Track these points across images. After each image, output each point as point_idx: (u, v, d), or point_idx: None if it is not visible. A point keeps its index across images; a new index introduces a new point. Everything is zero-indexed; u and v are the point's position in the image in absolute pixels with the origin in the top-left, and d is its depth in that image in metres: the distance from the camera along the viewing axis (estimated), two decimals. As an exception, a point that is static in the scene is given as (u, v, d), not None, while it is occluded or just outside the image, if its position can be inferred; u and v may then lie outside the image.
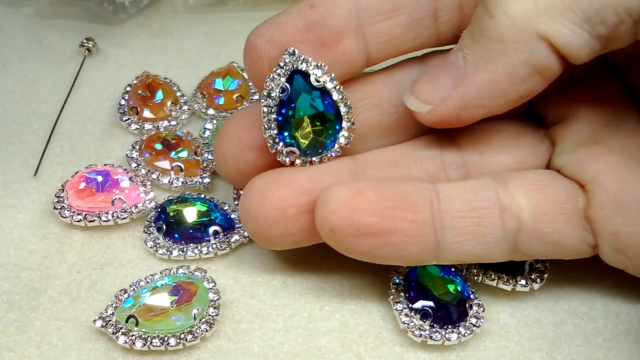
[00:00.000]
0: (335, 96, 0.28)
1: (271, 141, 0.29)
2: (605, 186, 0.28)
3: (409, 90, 0.29)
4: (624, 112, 0.30)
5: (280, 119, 0.28)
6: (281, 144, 0.29)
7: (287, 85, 0.28)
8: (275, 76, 0.28)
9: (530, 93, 0.28)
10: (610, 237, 0.28)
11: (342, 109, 0.29)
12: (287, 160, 0.29)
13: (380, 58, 0.30)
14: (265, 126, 0.28)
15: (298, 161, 0.29)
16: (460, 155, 0.30)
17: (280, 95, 0.28)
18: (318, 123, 0.29)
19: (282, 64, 0.28)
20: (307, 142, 0.29)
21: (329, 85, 0.28)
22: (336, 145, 0.29)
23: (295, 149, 0.29)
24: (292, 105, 0.28)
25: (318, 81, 0.28)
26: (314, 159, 0.29)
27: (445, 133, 0.30)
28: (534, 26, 0.26)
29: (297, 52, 0.28)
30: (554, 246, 0.28)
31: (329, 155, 0.29)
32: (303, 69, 0.28)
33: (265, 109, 0.28)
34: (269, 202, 0.28)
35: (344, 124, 0.29)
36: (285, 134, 0.29)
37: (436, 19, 0.29)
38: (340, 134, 0.29)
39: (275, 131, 0.29)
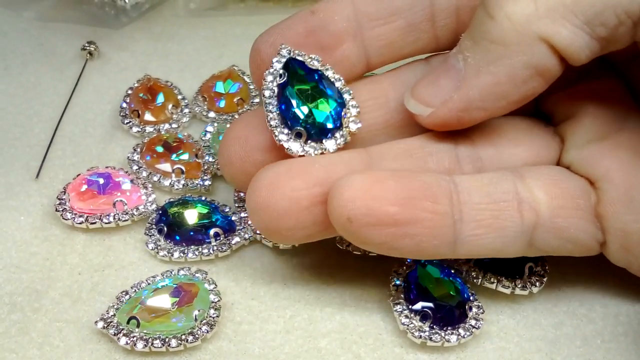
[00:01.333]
0: (337, 84, 0.29)
1: (276, 131, 0.28)
2: (616, 183, 0.28)
3: (409, 93, 0.29)
4: (630, 109, 0.30)
5: (282, 107, 0.28)
6: (286, 130, 0.28)
7: (284, 71, 0.28)
8: (273, 71, 0.29)
9: (532, 94, 0.28)
10: (619, 234, 0.28)
11: (346, 95, 0.29)
12: (296, 151, 0.28)
13: (379, 62, 0.30)
14: (269, 117, 0.28)
15: (310, 150, 0.29)
16: (475, 149, 0.30)
17: (279, 81, 0.28)
18: (318, 99, 0.28)
19: (277, 58, 0.29)
20: (309, 119, 0.28)
21: (329, 73, 0.29)
22: (344, 131, 0.29)
23: (301, 129, 0.28)
24: (291, 87, 0.28)
25: (314, 65, 0.29)
26: (326, 146, 0.29)
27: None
28: (535, 29, 0.26)
29: (289, 47, 0.28)
30: (568, 242, 0.28)
31: (338, 142, 0.29)
32: (299, 58, 0.29)
33: (267, 101, 0.28)
34: (280, 193, 0.27)
35: (351, 110, 0.29)
36: (289, 120, 0.28)
37: (433, 23, 0.30)
38: (349, 120, 0.29)
39: (279, 119, 0.28)
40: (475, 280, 0.31)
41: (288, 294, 0.31)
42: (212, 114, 0.39)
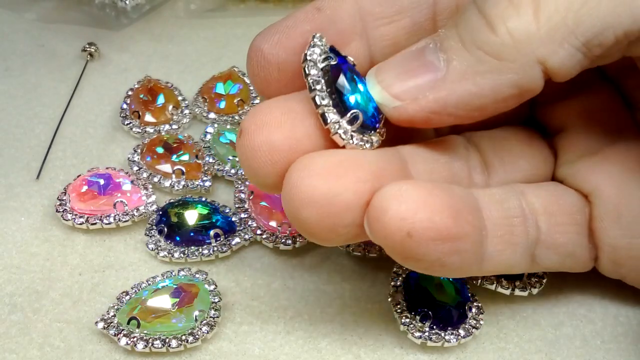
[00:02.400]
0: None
1: (328, 111, 0.25)
2: (605, 198, 0.28)
3: (374, 77, 0.27)
4: (623, 122, 0.30)
5: (333, 90, 0.26)
6: (338, 110, 0.25)
7: (332, 55, 0.26)
8: (315, 56, 0.26)
9: (504, 109, 0.26)
10: (608, 249, 0.28)
11: None
12: (345, 135, 0.25)
13: None
14: (318, 96, 0.25)
15: (356, 141, 0.26)
16: (483, 159, 0.30)
17: (328, 64, 0.26)
18: (364, 94, 0.26)
19: (313, 44, 0.26)
20: (363, 108, 0.26)
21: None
22: (382, 130, 0.27)
23: (358, 112, 0.25)
24: (343, 73, 0.26)
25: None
26: (363, 138, 0.26)
27: (466, 135, 0.30)
28: (534, 49, 0.25)
29: (322, 36, 0.26)
30: (567, 257, 0.28)
31: (374, 140, 0.27)
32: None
33: (313, 79, 0.25)
34: (343, 184, 0.24)
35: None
36: (343, 102, 0.26)
37: (435, 22, 0.29)
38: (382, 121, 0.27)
39: (330, 100, 0.25)
40: (474, 281, 0.31)
41: (288, 294, 0.31)
42: (212, 115, 0.39)
